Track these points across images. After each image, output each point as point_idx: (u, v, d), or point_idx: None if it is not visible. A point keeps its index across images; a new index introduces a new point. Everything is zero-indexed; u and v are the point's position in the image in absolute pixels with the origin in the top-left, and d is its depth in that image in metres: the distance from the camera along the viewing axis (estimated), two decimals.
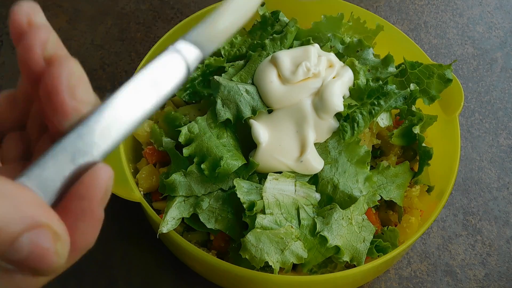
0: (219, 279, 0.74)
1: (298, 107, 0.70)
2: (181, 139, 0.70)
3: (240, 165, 0.67)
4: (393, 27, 0.83)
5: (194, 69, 0.38)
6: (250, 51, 0.78)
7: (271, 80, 0.72)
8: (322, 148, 0.70)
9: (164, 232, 0.66)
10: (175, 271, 0.80)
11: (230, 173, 0.67)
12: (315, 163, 0.69)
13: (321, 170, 0.69)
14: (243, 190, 0.66)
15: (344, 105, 0.70)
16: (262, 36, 0.80)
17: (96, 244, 0.90)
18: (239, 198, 0.65)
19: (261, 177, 0.69)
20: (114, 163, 0.70)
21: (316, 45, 0.76)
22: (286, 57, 0.74)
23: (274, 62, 0.74)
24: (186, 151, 0.69)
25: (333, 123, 0.70)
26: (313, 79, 0.72)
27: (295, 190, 0.67)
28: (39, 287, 0.35)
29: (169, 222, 0.66)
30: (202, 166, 0.67)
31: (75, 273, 0.80)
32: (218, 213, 0.67)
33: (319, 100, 0.70)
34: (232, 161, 0.67)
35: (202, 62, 0.78)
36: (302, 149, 0.69)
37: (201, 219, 0.67)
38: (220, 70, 0.77)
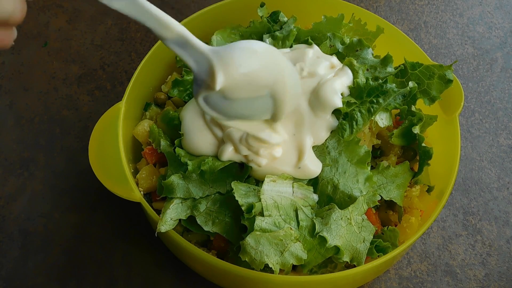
0: (219, 279, 0.74)
1: (294, 107, 0.70)
2: (178, 142, 0.70)
3: (227, 163, 0.68)
4: (393, 27, 0.83)
5: None
6: None
7: None
8: (321, 149, 0.70)
9: (162, 231, 0.66)
10: (175, 271, 0.80)
11: (217, 170, 0.67)
12: (313, 167, 0.68)
13: (321, 171, 0.69)
14: (241, 192, 0.66)
15: (343, 102, 0.70)
16: (262, 38, 0.80)
17: (96, 244, 0.91)
18: (237, 201, 0.65)
19: (259, 179, 0.69)
20: (114, 163, 0.70)
21: (316, 47, 0.76)
22: None
23: None
24: (177, 151, 0.69)
25: (331, 121, 0.70)
26: (308, 78, 0.72)
27: (293, 192, 0.67)
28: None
29: (167, 222, 0.66)
30: (189, 162, 0.67)
31: (75, 273, 0.80)
32: (215, 215, 0.67)
33: (315, 97, 0.70)
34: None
35: None
36: (300, 154, 0.69)
37: (198, 222, 0.67)
38: None
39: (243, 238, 0.64)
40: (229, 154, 0.68)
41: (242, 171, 0.69)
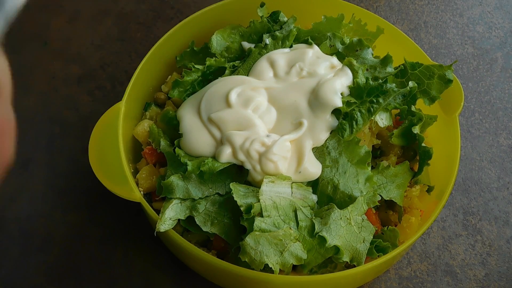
0: (219, 279, 0.74)
1: (293, 107, 0.70)
2: (177, 143, 0.70)
3: (226, 165, 0.68)
4: (393, 27, 0.83)
5: None
6: (251, 47, 0.78)
7: (265, 79, 0.72)
8: (321, 150, 0.70)
9: (161, 230, 0.66)
10: (175, 271, 0.80)
11: (216, 171, 0.67)
12: (313, 169, 0.68)
13: (321, 171, 0.69)
14: (240, 193, 0.66)
15: (343, 102, 0.70)
16: (262, 38, 0.80)
17: (96, 244, 0.90)
18: (235, 202, 0.65)
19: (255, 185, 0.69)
20: (114, 163, 0.70)
21: (316, 47, 0.76)
22: (281, 57, 0.74)
23: (270, 62, 0.74)
24: (177, 151, 0.69)
25: (331, 121, 0.70)
26: (308, 78, 0.72)
27: (292, 192, 0.67)
28: None
29: (166, 222, 0.66)
30: (188, 162, 0.67)
31: (75, 273, 0.80)
32: (214, 216, 0.67)
33: (315, 97, 0.70)
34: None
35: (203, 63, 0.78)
36: (300, 158, 0.68)
37: (197, 222, 0.67)
38: (221, 71, 0.77)
39: (242, 239, 0.64)
40: (226, 156, 0.68)
41: (241, 172, 0.69)
